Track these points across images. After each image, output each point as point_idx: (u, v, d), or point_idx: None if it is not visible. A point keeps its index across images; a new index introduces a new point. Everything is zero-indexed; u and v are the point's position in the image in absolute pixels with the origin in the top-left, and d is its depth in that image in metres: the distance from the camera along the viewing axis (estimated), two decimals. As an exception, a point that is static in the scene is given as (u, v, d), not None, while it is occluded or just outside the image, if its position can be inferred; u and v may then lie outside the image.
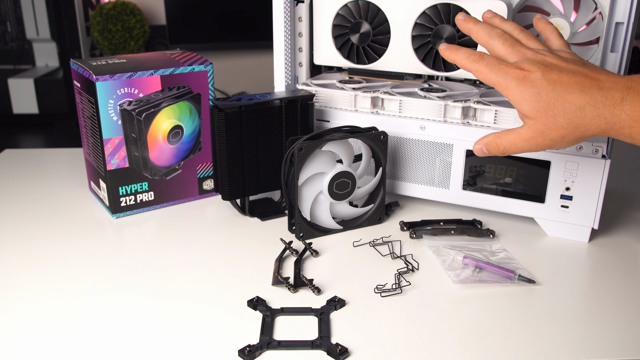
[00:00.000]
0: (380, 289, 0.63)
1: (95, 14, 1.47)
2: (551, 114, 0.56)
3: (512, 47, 0.61)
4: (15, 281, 0.65)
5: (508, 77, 0.58)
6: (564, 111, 0.55)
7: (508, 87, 0.58)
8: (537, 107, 0.56)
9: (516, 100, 0.58)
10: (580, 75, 0.56)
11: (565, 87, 0.56)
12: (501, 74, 0.59)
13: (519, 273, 0.65)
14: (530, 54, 0.60)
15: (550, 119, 0.56)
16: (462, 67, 0.62)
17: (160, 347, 0.54)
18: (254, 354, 0.53)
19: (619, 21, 0.78)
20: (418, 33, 0.82)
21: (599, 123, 0.54)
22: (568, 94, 0.55)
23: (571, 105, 0.55)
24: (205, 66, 0.81)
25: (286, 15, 0.85)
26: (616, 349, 0.54)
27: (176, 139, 0.82)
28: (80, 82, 0.79)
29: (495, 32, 0.63)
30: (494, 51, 0.62)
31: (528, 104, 0.57)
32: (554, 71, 0.57)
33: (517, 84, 0.57)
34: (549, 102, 0.56)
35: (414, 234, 0.75)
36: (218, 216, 0.82)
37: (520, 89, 0.57)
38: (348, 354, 0.53)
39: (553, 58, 0.59)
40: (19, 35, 1.42)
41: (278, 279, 0.64)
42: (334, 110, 0.84)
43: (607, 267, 0.69)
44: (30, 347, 0.54)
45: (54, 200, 0.86)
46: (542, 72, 0.57)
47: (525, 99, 0.57)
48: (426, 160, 0.80)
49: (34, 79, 1.37)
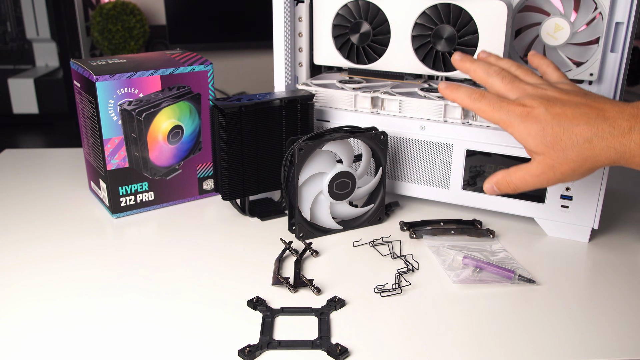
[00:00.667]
0: (380, 289, 0.63)
1: (95, 14, 1.47)
2: (559, 147, 0.55)
3: (511, 84, 0.61)
4: (15, 281, 0.65)
5: (511, 114, 0.57)
6: (572, 144, 0.55)
7: (512, 125, 0.57)
8: (544, 142, 0.56)
9: (522, 137, 0.57)
10: (583, 106, 0.56)
11: (570, 120, 0.55)
12: (504, 112, 0.58)
13: (519, 273, 0.65)
14: (531, 89, 0.60)
15: (559, 152, 0.55)
16: (463, 106, 0.62)
17: (160, 347, 0.54)
18: (254, 354, 0.53)
19: (619, 21, 0.78)
20: (418, 33, 0.82)
21: (608, 154, 0.54)
22: (574, 126, 0.55)
23: (579, 138, 0.54)
24: (205, 66, 0.81)
25: (286, 15, 0.85)
26: (616, 349, 0.54)
27: (176, 139, 0.82)
28: (80, 82, 0.79)
29: (492, 69, 0.62)
30: (493, 88, 0.61)
31: (535, 140, 0.56)
32: (557, 105, 0.56)
33: (521, 121, 0.57)
34: (555, 136, 0.55)
35: (414, 234, 0.75)
36: (218, 216, 0.82)
37: (525, 126, 0.56)
38: (348, 354, 0.53)
39: (554, 91, 0.59)
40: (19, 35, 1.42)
41: (278, 279, 0.64)
42: (334, 110, 0.84)
43: (607, 267, 0.69)
44: (30, 347, 0.54)
45: (54, 200, 0.86)
46: (545, 106, 0.56)
47: (531, 135, 0.56)
48: (426, 160, 0.80)
49: (34, 79, 1.37)
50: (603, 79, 0.83)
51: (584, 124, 0.54)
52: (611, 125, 0.54)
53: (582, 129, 0.54)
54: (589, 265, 0.69)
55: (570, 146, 0.55)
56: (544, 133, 0.56)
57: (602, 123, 0.54)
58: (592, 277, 0.67)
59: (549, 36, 0.82)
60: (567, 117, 0.55)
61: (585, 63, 0.82)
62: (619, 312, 0.60)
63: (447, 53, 0.81)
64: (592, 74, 0.82)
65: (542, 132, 0.56)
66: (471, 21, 0.78)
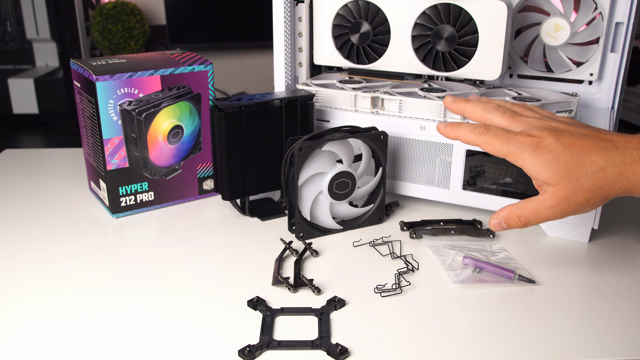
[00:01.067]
0: (380, 289, 0.63)
1: (95, 14, 1.47)
2: (574, 177, 0.54)
3: (512, 117, 0.60)
4: (15, 281, 0.65)
5: (521, 145, 0.56)
6: (586, 174, 0.54)
7: (522, 156, 0.57)
8: (558, 172, 0.55)
9: (533, 167, 0.56)
10: (592, 137, 0.56)
11: (582, 149, 0.55)
12: (513, 144, 0.57)
13: (519, 273, 0.65)
14: (534, 121, 0.59)
15: (573, 182, 0.54)
16: (467, 142, 0.61)
17: (160, 347, 0.54)
18: (254, 354, 0.53)
19: (619, 21, 0.78)
20: (418, 33, 0.82)
21: (622, 182, 0.54)
22: (586, 155, 0.54)
23: (592, 167, 0.54)
24: (205, 66, 0.81)
25: (286, 15, 0.85)
26: (616, 349, 0.54)
27: (176, 139, 0.82)
28: (80, 82, 0.79)
29: (490, 105, 0.62)
30: (494, 124, 0.61)
31: (548, 170, 0.55)
32: (566, 135, 0.56)
33: (531, 152, 0.56)
34: (569, 166, 0.54)
35: (414, 234, 0.75)
36: (218, 216, 0.82)
37: (536, 156, 0.56)
38: (348, 354, 0.53)
39: (558, 123, 0.58)
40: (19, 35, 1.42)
41: (278, 279, 0.64)
42: (334, 110, 0.84)
43: (607, 267, 0.69)
44: (30, 347, 0.54)
45: (54, 200, 0.86)
46: (554, 136, 0.56)
47: (544, 165, 0.55)
48: (426, 160, 0.80)
49: (34, 79, 1.37)
50: (603, 79, 0.83)
51: (596, 153, 0.54)
52: (622, 154, 0.54)
53: (595, 158, 0.54)
54: (589, 265, 0.69)
55: (584, 175, 0.54)
56: (558, 163, 0.55)
57: (613, 152, 0.54)
58: (592, 277, 0.67)
59: (549, 36, 0.82)
60: (579, 146, 0.55)
61: (585, 63, 0.82)
62: (618, 312, 0.60)
63: (447, 53, 0.81)
64: (592, 74, 0.82)
65: (555, 162, 0.55)
66: (471, 21, 0.78)
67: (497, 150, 0.58)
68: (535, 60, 0.85)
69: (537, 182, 0.58)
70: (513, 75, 0.88)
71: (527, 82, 0.87)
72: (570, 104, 0.77)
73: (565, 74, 0.83)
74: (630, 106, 1.41)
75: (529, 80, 0.87)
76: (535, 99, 0.78)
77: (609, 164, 0.54)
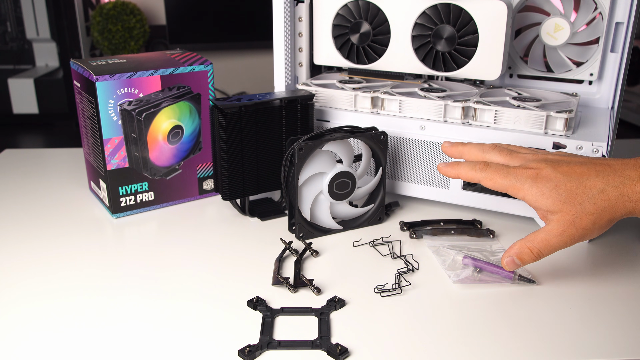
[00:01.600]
0: (380, 289, 0.63)
1: (95, 14, 1.47)
2: (576, 201, 0.55)
3: (509, 155, 0.61)
4: (15, 281, 0.65)
5: (520, 177, 0.58)
6: (587, 197, 0.55)
7: (522, 188, 0.57)
8: (559, 198, 0.56)
9: (535, 198, 0.57)
10: (588, 163, 0.57)
11: (581, 175, 0.56)
12: (512, 177, 0.58)
13: (519, 273, 0.65)
14: (531, 155, 0.60)
15: (576, 206, 0.55)
16: (468, 179, 0.62)
17: (160, 347, 0.54)
18: (254, 354, 0.53)
19: (619, 21, 0.78)
20: (418, 33, 0.82)
21: (624, 203, 0.54)
22: (585, 180, 0.55)
23: (593, 190, 0.55)
24: (205, 66, 0.81)
25: (286, 15, 0.85)
26: (616, 349, 0.54)
27: (176, 139, 0.82)
28: (80, 82, 0.79)
29: (487, 146, 0.63)
30: (492, 162, 0.62)
31: (550, 198, 0.56)
32: (562, 164, 0.57)
33: (532, 183, 0.57)
34: (569, 191, 0.55)
35: (414, 234, 0.75)
36: (218, 216, 0.82)
37: (537, 187, 0.57)
38: (348, 354, 0.53)
39: (553, 155, 0.60)
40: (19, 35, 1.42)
41: (278, 279, 0.64)
42: (334, 110, 0.84)
43: (607, 267, 0.69)
44: (30, 347, 0.54)
45: (54, 200, 0.86)
46: (552, 166, 0.57)
47: (545, 194, 0.56)
48: (426, 160, 0.80)
49: (34, 79, 1.37)
50: (603, 79, 0.83)
51: (595, 177, 0.55)
52: (620, 175, 0.54)
53: (594, 182, 0.55)
54: (589, 265, 0.69)
55: (586, 199, 0.55)
56: (558, 190, 0.56)
57: (611, 174, 0.55)
58: (592, 277, 0.67)
59: (549, 36, 0.82)
60: (577, 172, 0.56)
61: (585, 63, 0.82)
62: (618, 312, 0.60)
63: (447, 53, 0.81)
64: (592, 74, 0.82)
65: (556, 190, 0.56)
66: (471, 21, 0.78)
67: (498, 185, 0.59)
68: (535, 60, 0.85)
69: (542, 213, 0.58)
70: (513, 75, 0.88)
71: (527, 82, 0.88)
72: (570, 104, 0.77)
73: (565, 74, 0.84)
74: (630, 106, 1.42)
75: (529, 80, 0.87)
76: (535, 99, 0.78)
77: (609, 186, 0.55)
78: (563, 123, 0.72)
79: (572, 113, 0.72)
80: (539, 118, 0.73)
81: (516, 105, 0.76)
